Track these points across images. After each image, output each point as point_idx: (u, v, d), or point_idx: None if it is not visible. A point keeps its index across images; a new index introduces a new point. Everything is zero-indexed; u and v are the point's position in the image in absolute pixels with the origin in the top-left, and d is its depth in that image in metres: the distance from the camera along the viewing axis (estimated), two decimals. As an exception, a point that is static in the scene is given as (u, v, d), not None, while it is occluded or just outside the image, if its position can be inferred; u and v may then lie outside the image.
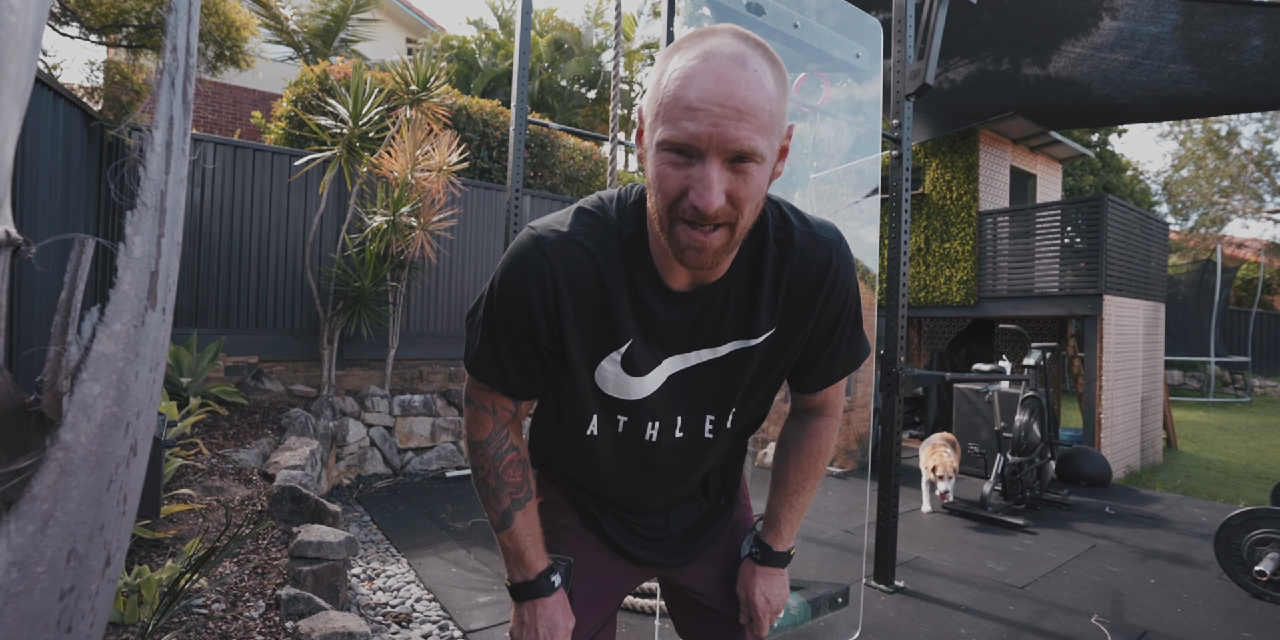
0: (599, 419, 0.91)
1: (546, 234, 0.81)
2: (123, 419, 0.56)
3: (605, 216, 0.83)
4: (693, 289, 0.82)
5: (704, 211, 0.66)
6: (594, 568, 1.02)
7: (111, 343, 0.53)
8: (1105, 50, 4.54)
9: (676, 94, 0.65)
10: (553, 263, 0.79)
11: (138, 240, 0.55)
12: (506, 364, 0.85)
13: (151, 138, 0.56)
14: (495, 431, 0.91)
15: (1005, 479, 4.24)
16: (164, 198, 0.58)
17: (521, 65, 2.41)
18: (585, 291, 0.81)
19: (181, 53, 0.57)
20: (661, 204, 0.70)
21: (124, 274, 0.55)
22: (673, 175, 0.67)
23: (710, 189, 0.65)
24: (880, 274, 3.13)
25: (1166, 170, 20.83)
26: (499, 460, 0.91)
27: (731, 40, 0.67)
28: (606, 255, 0.81)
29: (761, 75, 0.65)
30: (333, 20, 9.49)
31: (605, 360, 0.85)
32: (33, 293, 2.74)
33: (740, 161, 0.66)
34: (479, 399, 0.91)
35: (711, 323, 0.85)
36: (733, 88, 0.64)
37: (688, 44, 0.68)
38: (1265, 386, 13.99)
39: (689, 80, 0.65)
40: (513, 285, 0.81)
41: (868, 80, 3.01)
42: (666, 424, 0.91)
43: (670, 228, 0.71)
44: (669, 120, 0.66)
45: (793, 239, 0.84)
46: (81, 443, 0.50)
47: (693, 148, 0.65)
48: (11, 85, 0.52)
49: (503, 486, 0.91)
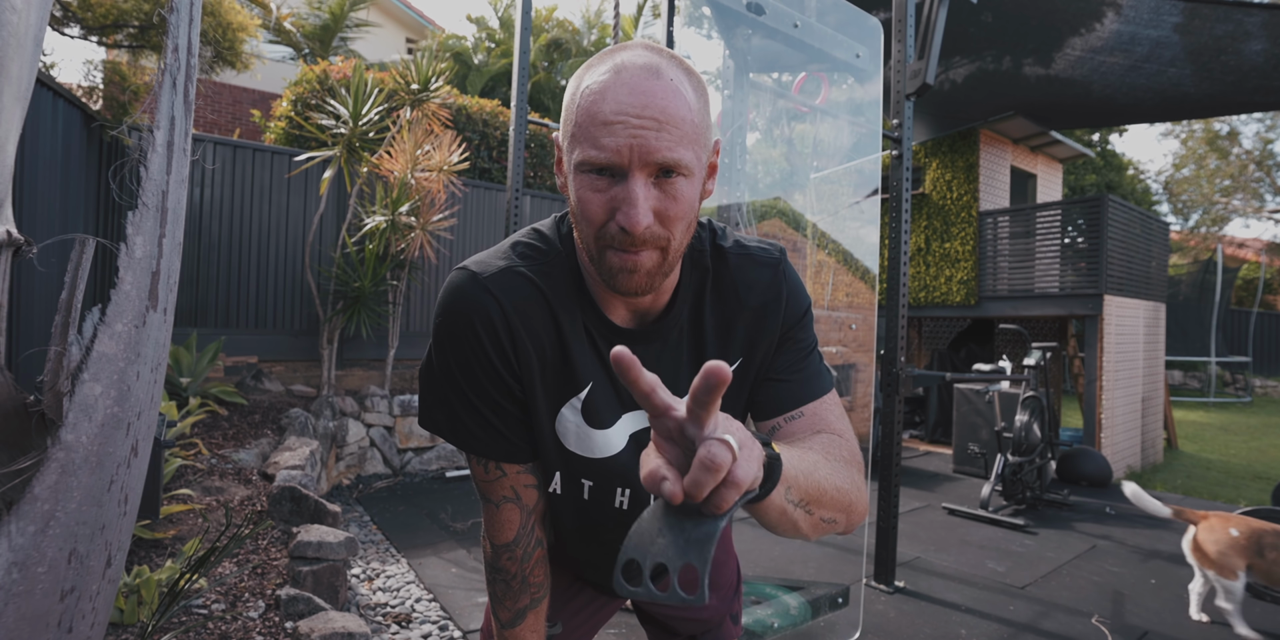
0: (562, 478, 0.81)
1: (484, 269, 0.72)
2: (124, 419, 0.56)
3: (548, 246, 0.75)
4: (641, 329, 0.75)
5: (631, 231, 0.60)
6: (570, 605, 0.99)
7: (113, 343, 0.53)
8: (1106, 53, 4.55)
9: (590, 110, 0.61)
10: (499, 298, 0.70)
11: (139, 240, 0.55)
12: (495, 424, 0.75)
13: (153, 138, 0.56)
14: (523, 526, 0.80)
15: (1005, 479, 4.24)
16: (165, 198, 0.58)
17: (521, 65, 2.41)
18: (540, 328, 0.72)
19: (183, 53, 0.57)
20: (588, 231, 0.64)
21: (125, 274, 0.55)
22: (595, 199, 0.62)
23: (635, 206, 0.60)
24: (880, 274, 3.13)
25: (1167, 169, 20.86)
26: (527, 561, 0.81)
27: (643, 52, 0.63)
28: (554, 288, 0.73)
29: (679, 84, 0.62)
30: (331, 20, 9.49)
31: (565, 407, 0.76)
32: (33, 293, 2.74)
33: (666, 176, 0.61)
34: (495, 492, 0.79)
35: (669, 368, 0.77)
36: (649, 97, 0.59)
37: (598, 61, 0.64)
38: (1266, 386, 13.99)
39: (602, 95, 0.60)
40: (457, 333, 0.71)
41: (868, 80, 3.01)
42: (639, 489, 0.81)
43: (600, 255, 0.65)
44: (585, 139, 0.61)
45: (729, 264, 0.78)
46: (82, 443, 0.50)
47: (614, 165, 0.60)
48: (13, 85, 0.52)
49: (526, 588, 0.82)
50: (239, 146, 4.55)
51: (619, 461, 0.79)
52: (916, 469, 5.58)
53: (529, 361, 0.72)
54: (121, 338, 0.54)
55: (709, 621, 1.09)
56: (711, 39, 3.26)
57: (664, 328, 0.75)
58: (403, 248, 4.49)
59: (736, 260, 0.78)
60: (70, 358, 0.51)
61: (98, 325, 0.52)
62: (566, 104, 0.65)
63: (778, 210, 4.76)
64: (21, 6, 0.51)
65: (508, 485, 0.78)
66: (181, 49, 0.56)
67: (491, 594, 0.84)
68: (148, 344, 0.57)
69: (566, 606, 0.99)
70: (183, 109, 0.58)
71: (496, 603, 0.84)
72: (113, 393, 0.53)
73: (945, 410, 6.90)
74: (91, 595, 0.52)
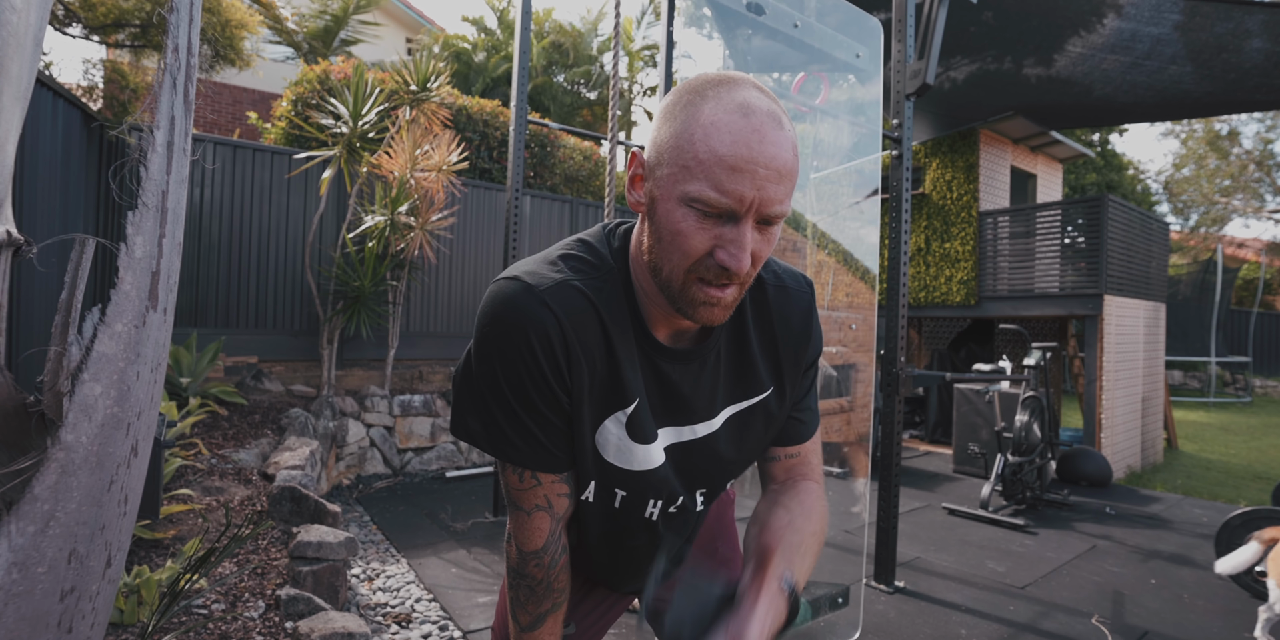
0: (596, 487, 0.81)
1: (538, 280, 0.70)
2: (124, 419, 0.56)
3: (599, 261, 0.75)
4: (683, 348, 0.77)
5: (736, 272, 0.63)
6: (583, 605, 1.00)
7: (113, 343, 0.53)
8: (1106, 51, 4.54)
9: (715, 150, 0.60)
10: (556, 312, 0.69)
11: (139, 240, 0.55)
12: (537, 435, 0.74)
13: (153, 138, 0.56)
14: (552, 533, 0.80)
15: (1005, 479, 4.24)
16: (165, 198, 0.58)
17: (521, 65, 2.41)
18: (593, 343, 0.72)
19: (183, 53, 0.57)
20: (680, 261, 0.65)
21: (125, 274, 0.55)
22: (699, 235, 0.63)
23: (744, 250, 0.62)
24: (880, 274, 3.13)
25: (1168, 169, 20.87)
26: (553, 568, 0.81)
27: (762, 97, 0.63)
28: (607, 303, 0.73)
29: (792, 136, 0.63)
30: (333, 20, 9.50)
31: (609, 420, 0.76)
32: (33, 293, 2.74)
33: (768, 223, 0.64)
34: (527, 500, 0.78)
35: (706, 389, 0.79)
36: (777, 150, 0.61)
37: (714, 92, 0.63)
38: (1266, 386, 13.99)
39: (732, 136, 0.60)
40: (508, 346, 0.70)
41: (868, 80, 3.01)
42: (668, 500, 0.83)
43: (685, 285, 0.66)
44: (705, 177, 0.61)
45: (769, 296, 0.81)
46: (82, 443, 0.50)
47: (732, 209, 0.61)
48: (13, 85, 0.52)
49: (549, 593, 0.82)
50: (239, 146, 4.55)
51: (657, 474, 0.79)
52: (916, 469, 5.58)
53: (580, 375, 0.72)
54: (121, 338, 0.54)
55: None
56: (712, 39, 3.27)
57: (704, 350, 0.77)
58: (402, 247, 4.49)
59: (775, 292, 0.81)
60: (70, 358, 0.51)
61: (98, 325, 0.52)
62: (678, 130, 0.63)
63: (778, 210, 4.76)
64: (21, 6, 0.51)
65: (541, 494, 0.78)
66: (181, 49, 0.56)
67: (513, 598, 0.84)
68: (148, 344, 0.57)
69: (579, 606, 0.99)
70: (183, 109, 0.58)
71: (518, 607, 0.83)
72: (113, 393, 0.53)
73: (945, 410, 6.90)
74: (91, 595, 0.52)
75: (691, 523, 0.90)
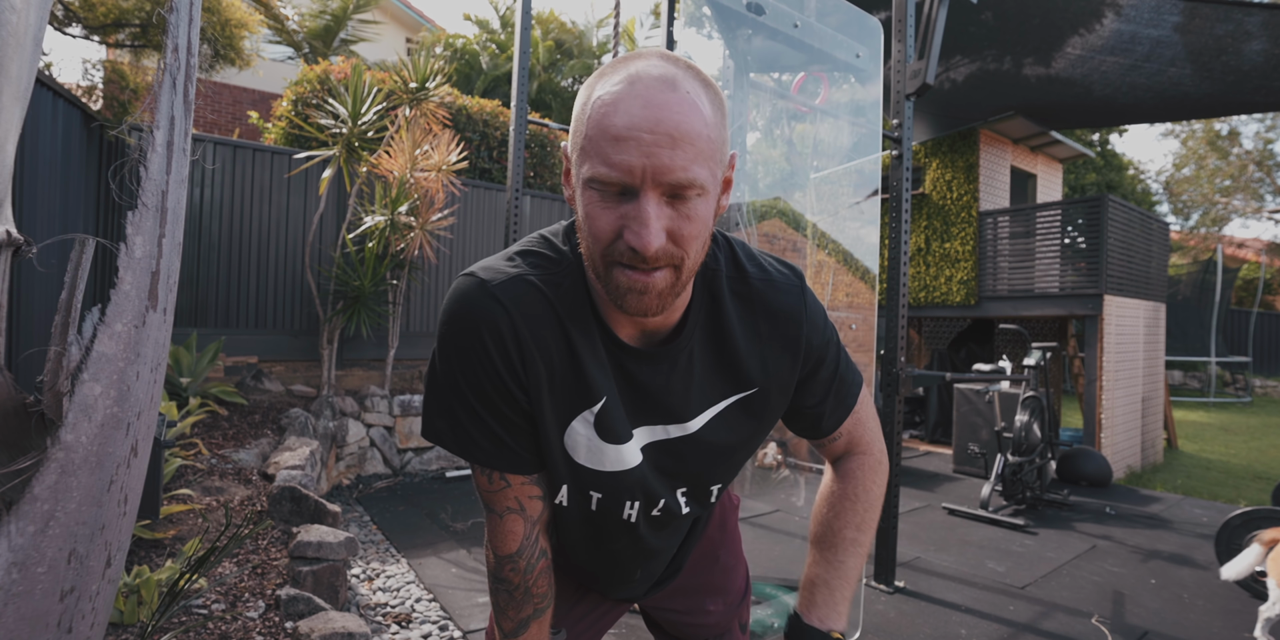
0: (569, 490, 0.78)
1: (491, 276, 0.69)
2: (124, 419, 0.56)
3: (558, 256, 0.72)
4: (650, 349, 0.73)
5: (643, 252, 0.58)
6: (574, 611, 0.99)
7: (112, 343, 0.53)
8: (1106, 53, 4.55)
9: (601, 123, 0.58)
10: (507, 307, 0.67)
11: (139, 240, 0.55)
12: (500, 434, 0.72)
13: (153, 138, 0.56)
14: (527, 537, 0.78)
15: (1005, 479, 4.24)
16: (165, 198, 0.58)
17: (521, 65, 2.41)
18: (549, 339, 0.70)
19: (183, 53, 0.57)
20: (595, 247, 0.62)
21: (125, 274, 0.55)
22: (603, 215, 0.60)
23: (647, 227, 0.57)
24: (880, 274, 3.13)
25: (1168, 169, 20.88)
26: (530, 572, 0.79)
27: (659, 62, 0.60)
28: (564, 298, 0.70)
29: (696, 98, 0.58)
30: (333, 20, 9.50)
31: (577, 420, 0.73)
32: (33, 293, 2.74)
33: (679, 195, 0.58)
34: (498, 502, 0.76)
35: (680, 390, 0.75)
36: (664, 112, 0.56)
37: (611, 69, 0.61)
38: (1266, 386, 13.99)
39: (614, 107, 0.57)
40: (463, 343, 0.69)
41: (868, 80, 3.01)
42: (647, 502, 0.80)
43: (607, 272, 0.62)
44: (595, 154, 0.58)
45: (752, 290, 0.76)
46: (82, 443, 0.50)
47: (624, 184, 0.57)
48: (13, 85, 0.52)
49: (529, 598, 0.80)
50: (239, 146, 4.55)
51: (632, 475, 0.77)
52: (916, 469, 5.58)
53: (537, 372, 0.70)
54: (121, 338, 0.54)
55: (716, 627, 1.08)
56: (712, 39, 3.27)
57: (673, 350, 0.73)
58: (402, 247, 4.50)
59: (760, 285, 0.76)
60: (70, 358, 0.51)
61: (97, 325, 0.52)
62: (577, 114, 0.62)
63: (778, 210, 4.76)
64: (21, 6, 0.51)
65: (512, 496, 0.76)
66: (181, 49, 0.56)
67: (495, 603, 0.83)
68: (147, 344, 0.57)
69: (570, 613, 0.98)
70: (182, 109, 0.58)
71: (499, 612, 0.82)
72: (112, 393, 0.53)
73: (945, 410, 6.90)
74: (91, 595, 0.52)
75: (680, 527, 0.88)
